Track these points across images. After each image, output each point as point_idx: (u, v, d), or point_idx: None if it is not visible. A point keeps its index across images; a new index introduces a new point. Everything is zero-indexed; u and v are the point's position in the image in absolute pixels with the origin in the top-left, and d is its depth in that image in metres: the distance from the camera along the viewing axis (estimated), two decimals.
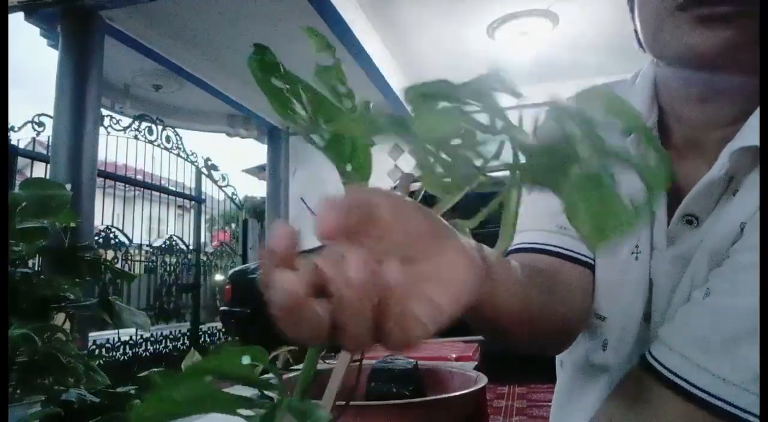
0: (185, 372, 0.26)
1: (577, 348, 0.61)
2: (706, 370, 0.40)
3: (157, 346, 4.70)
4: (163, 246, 5.26)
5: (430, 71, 5.07)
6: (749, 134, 0.46)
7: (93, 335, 3.87)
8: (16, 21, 3.50)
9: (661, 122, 0.55)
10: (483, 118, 0.25)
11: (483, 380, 0.84)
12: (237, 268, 4.62)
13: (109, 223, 4.62)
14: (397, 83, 4.91)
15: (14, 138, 3.69)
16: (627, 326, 0.56)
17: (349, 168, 0.31)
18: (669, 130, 0.54)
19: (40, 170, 3.73)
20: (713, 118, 0.50)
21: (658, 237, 0.53)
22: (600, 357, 0.59)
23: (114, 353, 4.17)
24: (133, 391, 0.69)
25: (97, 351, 3.88)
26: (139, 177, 5.02)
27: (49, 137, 3.45)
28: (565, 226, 0.55)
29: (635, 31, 0.54)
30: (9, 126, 3.49)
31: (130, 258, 4.92)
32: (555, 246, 0.55)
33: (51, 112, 3.33)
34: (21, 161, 3.84)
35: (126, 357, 4.28)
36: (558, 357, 0.65)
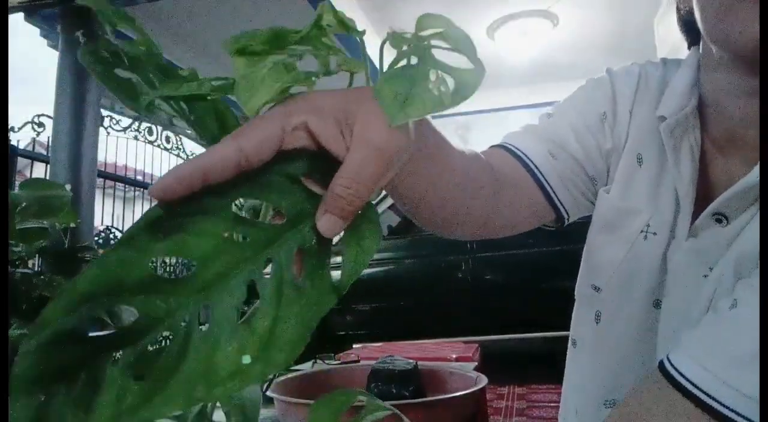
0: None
1: (581, 321, 0.62)
2: (729, 385, 0.38)
3: (157, 347, 4.69)
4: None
5: None
6: None
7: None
8: (16, 21, 3.50)
9: (702, 112, 0.53)
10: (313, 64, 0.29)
11: (483, 380, 0.85)
12: None
13: (109, 224, 4.62)
14: None
15: (14, 138, 3.69)
16: (625, 305, 0.56)
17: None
18: (709, 122, 0.53)
19: (40, 170, 3.73)
20: (754, 114, 0.49)
21: (680, 226, 0.53)
22: (593, 329, 0.59)
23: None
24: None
25: None
26: (139, 177, 5.02)
27: (49, 137, 3.45)
28: (553, 154, 0.57)
29: (678, 11, 0.53)
30: (9, 126, 3.49)
31: None
32: (525, 155, 0.57)
33: (51, 113, 3.32)
34: (21, 161, 3.84)
35: None
36: (570, 336, 0.66)
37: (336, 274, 0.26)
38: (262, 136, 0.27)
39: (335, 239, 0.28)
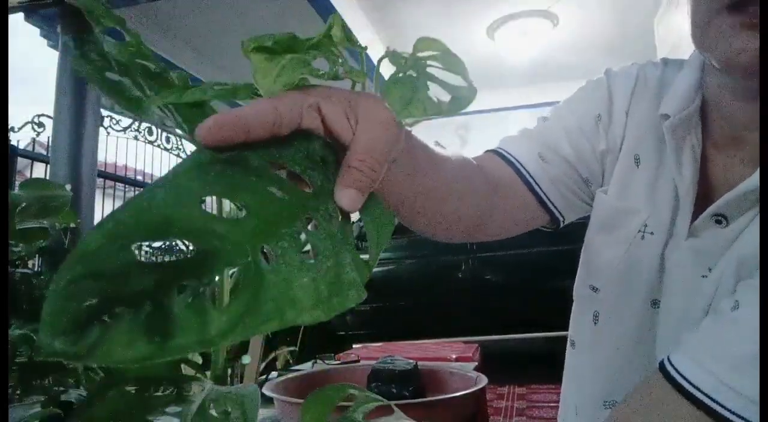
0: (100, 386, 0.28)
1: (579, 321, 0.62)
2: (730, 387, 0.38)
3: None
4: (163, 246, 5.26)
5: None
6: None
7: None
8: (16, 21, 3.50)
9: (703, 112, 0.53)
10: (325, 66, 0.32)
11: (483, 381, 0.85)
12: None
13: None
14: None
15: (14, 138, 3.69)
16: (623, 305, 0.56)
17: None
18: (710, 122, 0.53)
19: (40, 170, 3.73)
20: (756, 117, 0.49)
21: (679, 226, 0.53)
22: (591, 330, 0.60)
23: None
24: (133, 391, 0.68)
25: None
26: (139, 177, 5.02)
27: (49, 137, 3.45)
28: (544, 157, 0.58)
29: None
30: (9, 126, 3.49)
31: None
32: (516, 159, 0.58)
33: (51, 113, 3.32)
34: (21, 161, 3.84)
35: None
36: (569, 336, 0.66)
37: None
38: (292, 103, 0.29)
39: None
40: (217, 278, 0.23)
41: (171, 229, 0.22)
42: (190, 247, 0.23)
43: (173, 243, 5.32)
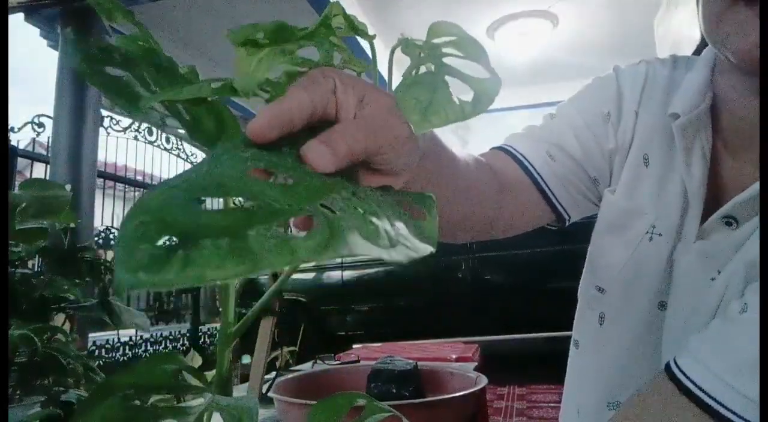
0: (97, 392, 0.27)
1: (584, 322, 0.62)
2: (735, 389, 0.37)
3: (157, 347, 4.69)
4: None
5: None
6: None
7: (93, 336, 3.87)
8: (16, 21, 3.50)
9: (714, 112, 0.52)
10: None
11: (483, 381, 0.84)
12: None
13: (109, 224, 4.62)
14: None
15: (14, 138, 3.68)
16: (630, 306, 0.56)
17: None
18: (720, 122, 0.52)
19: (40, 171, 3.73)
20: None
21: (688, 228, 0.52)
22: (596, 331, 0.59)
23: (114, 354, 4.17)
24: (136, 402, 0.68)
25: (96, 352, 3.88)
26: (139, 177, 5.02)
27: (49, 138, 3.45)
28: (552, 155, 0.58)
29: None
30: (9, 126, 3.49)
31: None
32: (524, 157, 0.57)
33: (51, 113, 3.32)
34: (21, 162, 3.84)
35: (126, 358, 4.28)
36: (573, 337, 0.65)
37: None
38: (322, 92, 0.28)
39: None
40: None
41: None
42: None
43: None
